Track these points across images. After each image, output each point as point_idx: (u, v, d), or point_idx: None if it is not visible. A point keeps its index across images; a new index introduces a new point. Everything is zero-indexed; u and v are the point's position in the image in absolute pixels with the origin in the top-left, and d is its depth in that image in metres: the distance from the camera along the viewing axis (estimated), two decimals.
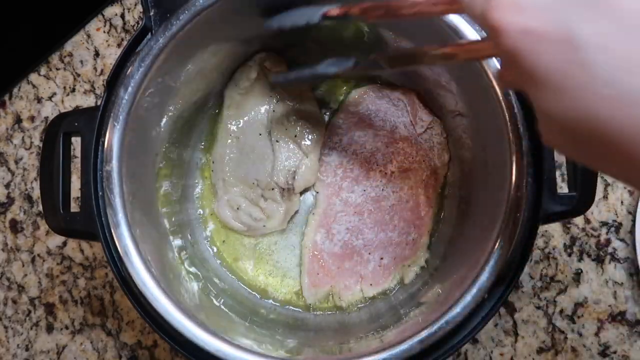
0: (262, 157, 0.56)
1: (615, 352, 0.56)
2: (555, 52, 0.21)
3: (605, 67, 0.19)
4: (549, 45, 0.21)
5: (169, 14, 0.42)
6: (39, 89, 0.63)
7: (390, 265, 0.54)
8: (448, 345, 0.39)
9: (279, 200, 0.55)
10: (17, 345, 0.61)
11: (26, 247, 0.62)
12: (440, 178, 0.56)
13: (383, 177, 0.56)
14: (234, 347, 0.40)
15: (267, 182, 0.55)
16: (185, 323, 0.40)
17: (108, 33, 0.63)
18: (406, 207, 0.55)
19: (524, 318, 0.57)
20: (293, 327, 0.52)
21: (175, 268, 0.48)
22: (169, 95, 0.47)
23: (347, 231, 0.55)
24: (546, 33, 0.21)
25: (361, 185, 0.56)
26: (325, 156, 0.57)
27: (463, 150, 0.53)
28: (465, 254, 0.45)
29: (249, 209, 0.55)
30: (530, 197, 0.39)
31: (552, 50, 0.21)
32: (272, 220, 0.55)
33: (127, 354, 0.60)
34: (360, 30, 0.51)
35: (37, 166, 0.62)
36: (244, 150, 0.56)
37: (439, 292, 0.45)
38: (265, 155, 0.56)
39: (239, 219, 0.55)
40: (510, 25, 0.22)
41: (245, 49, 0.53)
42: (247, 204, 0.56)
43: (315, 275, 0.55)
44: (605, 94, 0.20)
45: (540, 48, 0.21)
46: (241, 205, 0.55)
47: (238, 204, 0.55)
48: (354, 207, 0.56)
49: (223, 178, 0.56)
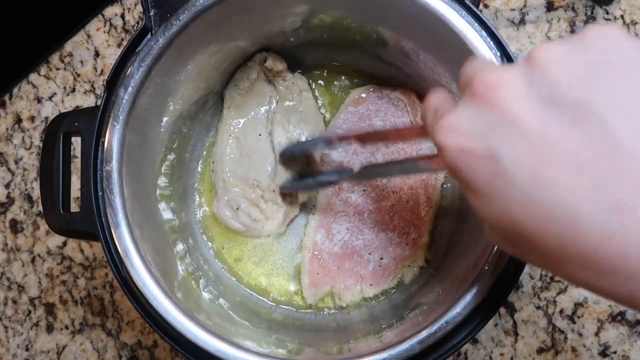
0: (263, 158, 0.56)
1: (615, 352, 0.56)
2: (482, 166, 0.25)
3: (518, 177, 0.23)
4: (478, 161, 0.25)
5: (169, 14, 0.42)
6: (39, 89, 0.63)
7: (390, 265, 0.54)
8: (448, 345, 0.39)
9: (280, 202, 0.55)
10: (17, 345, 0.61)
11: (26, 247, 0.62)
12: (440, 178, 0.56)
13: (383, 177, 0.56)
14: (234, 347, 0.40)
15: (267, 183, 0.55)
16: (185, 323, 0.40)
17: (108, 33, 0.63)
18: (406, 207, 0.55)
19: (524, 318, 0.57)
20: (293, 327, 0.52)
21: (175, 268, 0.48)
22: (169, 95, 0.47)
23: (347, 231, 0.55)
24: (475, 151, 0.25)
25: (361, 185, 0.56)
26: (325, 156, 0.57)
27: None
28: (465, 254, 0.45)
29: (249, 210, 0.55)
30: None
31: (480, 164, 0.25)
32: (270, 222, 0.55)
33: (127, 354, 0.60)
34: (363, 31, 0.51)
35: (37, 166, 0.62)
36: (244, 151, 0.56)
37: (439, 292, 0.45)
38: (266, 155, 0.56)
39: (238, 219, 0.55)
40: (449, 145, 0.26)
41: (245, 49, 0.53)
42: (247, 204, 0.56)
43: (315, 275, 0.55)
44: (519, 199, 0.24)
45: (471, 163, 0.25)
46: (241, 206, 0.55)
47: (238, 204, 0.55)
48: (354, 207, 0.56)
49: (223, 178, 0.56)
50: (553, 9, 0.60)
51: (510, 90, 0.24)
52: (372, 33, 0.50)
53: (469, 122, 0.26)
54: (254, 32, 0.50)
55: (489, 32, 0.41)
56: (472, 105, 0.26)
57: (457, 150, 0.26)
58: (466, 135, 0.26)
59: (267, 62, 0.54)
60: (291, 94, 0.56)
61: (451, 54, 0.43)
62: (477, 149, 0.25)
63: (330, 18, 0.49)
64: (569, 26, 0.60)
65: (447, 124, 0.27)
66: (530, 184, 0.23)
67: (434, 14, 0.41)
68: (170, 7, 0.42)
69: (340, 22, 0.50)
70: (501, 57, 0.40)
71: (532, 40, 0.60)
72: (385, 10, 0.45)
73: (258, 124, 0.56)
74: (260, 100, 0.56)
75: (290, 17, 0.49)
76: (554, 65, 0.24)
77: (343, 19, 0.49)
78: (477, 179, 0.25)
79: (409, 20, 0.44)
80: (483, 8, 0.60)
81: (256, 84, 0.56)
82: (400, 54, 0.51)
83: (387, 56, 0.53)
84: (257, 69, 0.55)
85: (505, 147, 0.24)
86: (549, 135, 0.23)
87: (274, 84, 0.56)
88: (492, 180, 0.25)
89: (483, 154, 0.25)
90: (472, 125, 0.26)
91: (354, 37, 0.52)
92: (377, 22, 0.49)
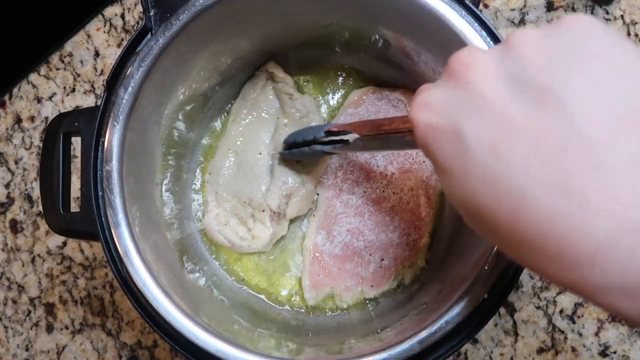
0: (259, 177, 0.56)
1: (615, 352, 0.56)
2: (447, 142, 0.25)
3: (478, 153, 0.24)
4: (444, 137, 0.26)
5: (169, 14, 0.42)
6: (39, 89, 0.63)
7: (391, 266, 0.54)
8: (448, 345, 0.39)
9: (268, 224, 0.55)
10: (17, 345, 0.61)
11: (26, 247, 0.62)
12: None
13: (383, 178, 0.56)
14: (234, 347, 0.40)
15: (259, 202, 0.55)
16: (185, 323, 0.40)
17: (108, 33, 0.63)
18: (407, 208, 0.55)
19: (524, 318, 0.57)
20: (293, 328, 0.52)
21: (175, 269, 0.48)
22: (169, 95, 0.47)
23: (347, 233, 0.55)
24: (442, 126, 0.26)
25: (362, 186, 0.56)
26: None
27: None
28: (465, 255, 0.45)
29: (237, 227, 0.55)
30: None
31: (446, 140, 0.25)
32: (257, 242, 0.55)
33: (127, 354, 0.60)
34: (363, 32, 0.51)
35: (37, 166, 0.62)
36: (241, 167, 0.56)
37: (439, 292, 0.45)
38: (262, 175, 0.56)
39: (224, 234, 0.55)
40: (420, 121, 0.27)
41: (246, 49, 0.53)
42: (236, 222, 0.56)
43: (316, 276, 0.55)
44: (478, 175, 0.24)
45: (438, 138, 0.26)
46: (229, 222, 0.55)
47: (227, 220, 0.55)
48: (355, 208, 0.56)
49: (217, 191, 0.56)
50: (553, 9, 0.60)
51: (482, 69, 0.25)
52: (373, 33, 0.50)
53: (440, 98, 0.26)
54: (254, 32, 0.50)
55: (489, 32, 0.41)
56: (447, 83, 0.27)
57: (426, 125, 0.27)
58: (436, 111, 0.26)
59: (271, 66, 0.55)
60: (297, 115, 0.56)
61: (452, 53, 0.43)
62: (444, 125, 0.25)
63: (330, 19, 0.50)
64: None
65: (419, 100, 0.28)
66: (489, 160, 0.23)
67: (434, 14, 0.41)
68: (170, 7, 0.42)
69: (341, 22, 0.50)
70: None
71: None
72: (385, 10, 0.45)
73: (259, 142, 0.56)
74: (267, 119, 0.57)
75: (291, 17, 0.49)
76: (526, 47, 0.24)
77: (344, 19, 0.49)
78: (443, 154, 0.26)
79: (409, 20, 0.44)
80: (483, 8, 0.60)
81: (262, 96, 0.56)
82: (401, 53, 0.51)
83: (387, 56, 0.53)
84: (264, 78, 0.55)
85: (470, 124, 0.24)
86: (511, 114, 0.23)
87: (281, 101, 0.56)
88: (456, 156, 0.25)
89: (449, 130, 0.25)
90: (442, 101, 0.26)
91: (354, 37, 0.52)
92: (377, 23, 0.49)
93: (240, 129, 0.57)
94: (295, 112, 0.56)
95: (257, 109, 0.56)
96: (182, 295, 0.43)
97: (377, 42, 0.51)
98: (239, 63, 0.54)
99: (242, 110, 0.56)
